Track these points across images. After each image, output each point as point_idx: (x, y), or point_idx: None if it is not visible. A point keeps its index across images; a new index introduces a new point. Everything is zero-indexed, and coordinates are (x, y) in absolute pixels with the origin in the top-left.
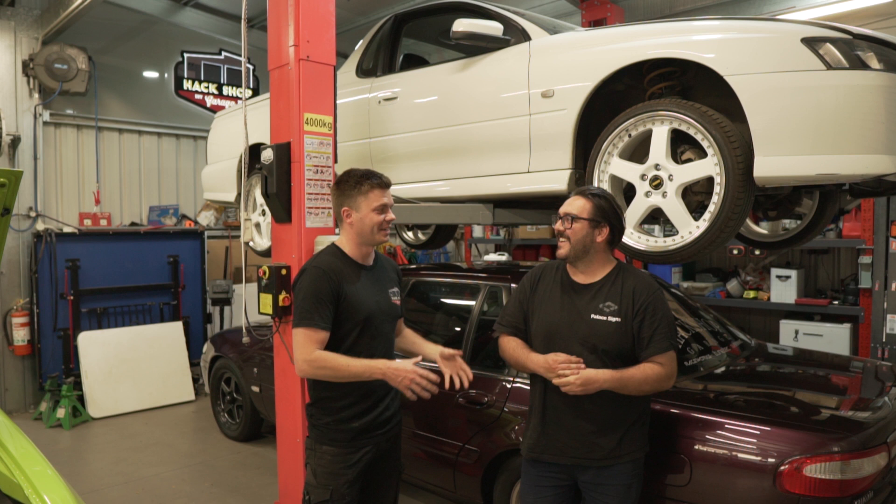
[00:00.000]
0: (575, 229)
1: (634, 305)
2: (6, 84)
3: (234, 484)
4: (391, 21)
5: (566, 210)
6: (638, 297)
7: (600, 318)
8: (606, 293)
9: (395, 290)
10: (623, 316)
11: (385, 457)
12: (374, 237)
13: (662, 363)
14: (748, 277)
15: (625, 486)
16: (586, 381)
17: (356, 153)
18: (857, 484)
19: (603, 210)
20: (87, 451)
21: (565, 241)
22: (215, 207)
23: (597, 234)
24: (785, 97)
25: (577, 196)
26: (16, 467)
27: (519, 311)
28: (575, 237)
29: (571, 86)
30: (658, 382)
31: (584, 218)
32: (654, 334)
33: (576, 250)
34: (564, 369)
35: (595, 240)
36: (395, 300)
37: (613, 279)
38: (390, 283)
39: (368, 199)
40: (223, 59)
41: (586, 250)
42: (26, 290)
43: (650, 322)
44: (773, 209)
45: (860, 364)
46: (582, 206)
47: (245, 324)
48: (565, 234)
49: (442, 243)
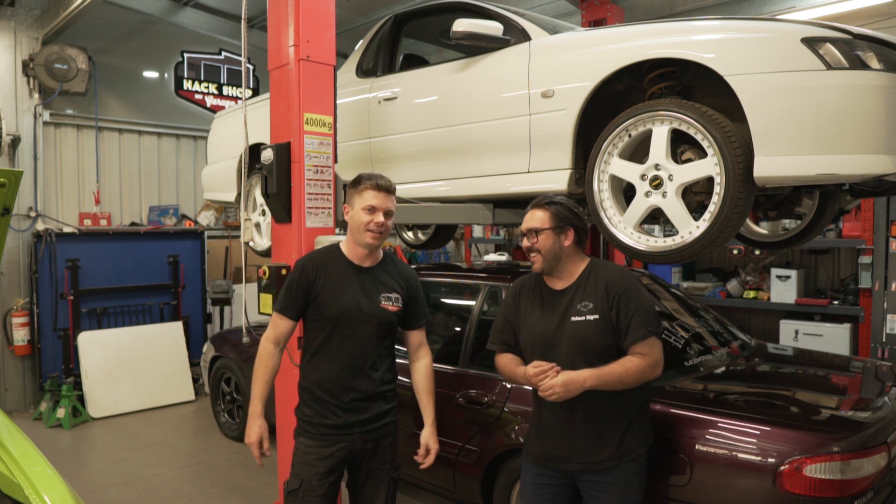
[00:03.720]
0: (541, 242)
1: (609, 297)
2: (6, 84)
3: (234, 484)
4: (391, 21)
5: (528, 226)
6: (611, 289)
7: (579, 319)
8: (582, 293)
9: (394, 295)
10: (600, 311)
11: (371, 457)
12: (361, 237)
13: (643, 352)
14: (748, 277)
15: (624, 485)
16: (566, 383)
17: (356, 153)
18: (857, 484)
19: (562, 215)
20: (87, 451)
21: (536, 254)
22: (215, 207)
23: (563, 239)
24: (785, 97)
25: (534, 209)
26: (16, 467)
27: (507, 327)
28: (544, 249)
29: (571, 86)
30: (640, 373)
31: (546, 228)
32: (630, 323)
33: (549, 261)
34: (542, 378)
35: (563, 245)
36: (386, 305)
37: (587, 278)
38: (386, 288)
39: (362, 197)
40: (223, 59)
41: (558, 258)
42: (26, 290)
43: (625, 311)
44: (773, 209)
45: (860, 364)
46: (542, 218)
47: (245, 324)
48: (534, 248)
49: (442, 243)
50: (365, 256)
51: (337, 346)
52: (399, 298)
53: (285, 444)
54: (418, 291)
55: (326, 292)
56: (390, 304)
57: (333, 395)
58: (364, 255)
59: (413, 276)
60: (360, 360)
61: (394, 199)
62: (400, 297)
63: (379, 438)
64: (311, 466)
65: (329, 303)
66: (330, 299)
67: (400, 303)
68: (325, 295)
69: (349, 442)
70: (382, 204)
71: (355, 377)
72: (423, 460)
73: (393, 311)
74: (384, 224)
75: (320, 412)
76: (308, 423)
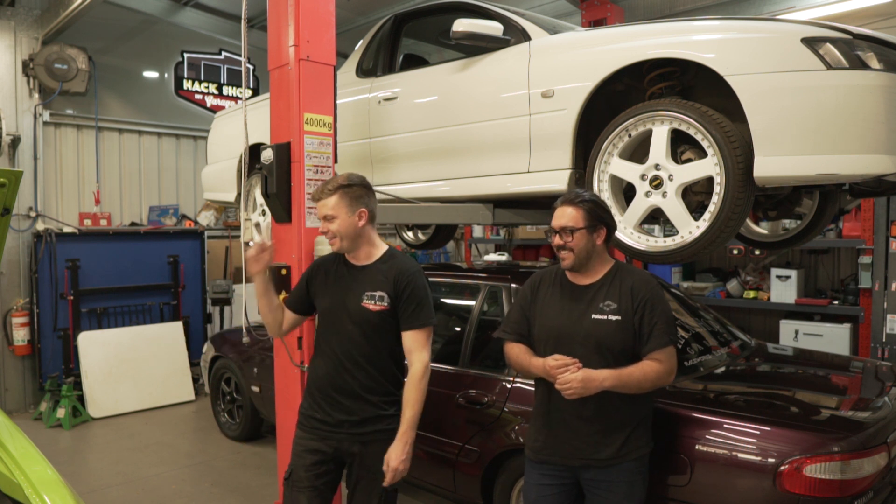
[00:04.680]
0: (576, 240)
1: (634, 302)
2: (6, 84)
3: (234, 484)
4: (391, 21)
5: (561, 224)
6: (637, 293)
7: (601, 318)
8: (606, 292)
9: (378, 294)
10: (623, 314)
11: (360, 462)
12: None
13: (661, 359)
14: (748, 277)
15: (627, 484)
16: (585, 380)
17: (356, 153)
18: (857, 484)
19: (595, 214)
20: (87, 451)
21: (568, 252)
22: (215, 207)
23: (596, 237)
24: (785, 97)
25: (566, 206)
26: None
27: (522, 318)
28: (577, 247)
29: (571, 86)
30: (658, 379)
31: (581, 227)
32: (653, 330)
33: (580, 259)
34: (562, 372)
35: (595, 244)
36: (367, 304)
37: (612, 278)
38: (371, 287)
39: None
40: (223, 59)
41: (589, 256)
42: (26, 290)
43: (649, 318)
44: (773, 209)
45: (860, 364)
46: (575, 216)
47: (245, 324)
48: (567, 246)
49: (442, 243)
50: (354, 256)
51: (325, 343)
52: (384, 297)
53: (285, 443)
54: (410, 290)
55: (319, 289)
56: (371, 304)
57: (321, 391)
58: (353, 255)
59: (406, 273)
60: (343, 358)
61: (329, 200)
62: (385, 295)
63: (368, 443)
64: (300, 457)
65: (319, 300)
66: (320, 296)
67: (385, 302)
68: (317, 291)
69: (336, 441)
70: (319, 212)
71: (339, 374)
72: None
73: (374, 311)
74: (328, 230)
75: (312, 406)
76: (303, 415)
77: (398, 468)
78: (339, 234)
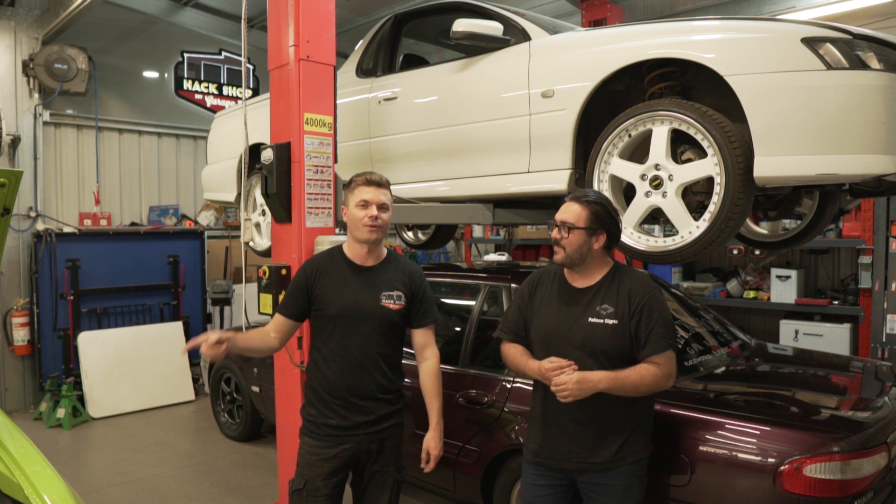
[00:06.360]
0: (571, 239)
1: (631, 306)
2: (6, 84)
3: (234, 484)
4: (391, 21)
5: (562, 218)
6: (634, 297)
7: (597, 321)
8: (603, 296)
9: (395, 293)
10: (620, 318)
11: (376, 458)
12: (359, 233)
13: (659, 363)
14: (748, 277)
15: (624, 488)
16: (580, 382)
17: (356, 153)
18: (857, 484)
19: (599, 217)
20: (87, 451)
21: (561, 248)
22: (215, 207)
23: (594, 241)
24: (785, 97)
25: (573, 202)
26: (16, 467)
27: (519, 318)
28: (571, 247)
29: (571, 86)
30: (655, 383)
31: (580, 227)
32: (650, 334)
33: (572, 258)
34: (558, 374)
35: (592, 248)
36: (387, 303)
37: (610, 281)
38: (388, 286)
39: (354, 194)
40: (223, 59)
41: (583, 258)
42: (26, 290)
43: (646, 322)
44: (773, 209)
45: (860, 364)
46: (578, 214)
47: (245, 324)
48: (561, 243)
49: (442, 243)
50: (366, 255)
51: (338, 345)
52: (401, 296)
53: (285, 443)
54: (423, 289)
55: (326, 292)
56: (391, 303)
57: (337, 396)
58: (365, 254)
59: (417, 273)
60: (363, 360)
61: (387, 192)
62: (402, 294)
63: (384, 440)
64: (316, 467)
65: (329, 302)
66: (329, 299)
67: (402, 301)
68: (324, 295)
69: (354, 443)
70: (374, 197)
71: (358, 377)
72: (424, 465)
73: (394, 310)
74: (378, 217)
75: (325, 412)
76: (313, 423)
77: (439, 455)
78: (384, 227)
